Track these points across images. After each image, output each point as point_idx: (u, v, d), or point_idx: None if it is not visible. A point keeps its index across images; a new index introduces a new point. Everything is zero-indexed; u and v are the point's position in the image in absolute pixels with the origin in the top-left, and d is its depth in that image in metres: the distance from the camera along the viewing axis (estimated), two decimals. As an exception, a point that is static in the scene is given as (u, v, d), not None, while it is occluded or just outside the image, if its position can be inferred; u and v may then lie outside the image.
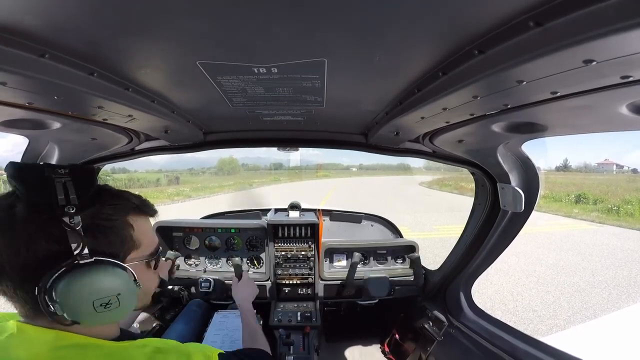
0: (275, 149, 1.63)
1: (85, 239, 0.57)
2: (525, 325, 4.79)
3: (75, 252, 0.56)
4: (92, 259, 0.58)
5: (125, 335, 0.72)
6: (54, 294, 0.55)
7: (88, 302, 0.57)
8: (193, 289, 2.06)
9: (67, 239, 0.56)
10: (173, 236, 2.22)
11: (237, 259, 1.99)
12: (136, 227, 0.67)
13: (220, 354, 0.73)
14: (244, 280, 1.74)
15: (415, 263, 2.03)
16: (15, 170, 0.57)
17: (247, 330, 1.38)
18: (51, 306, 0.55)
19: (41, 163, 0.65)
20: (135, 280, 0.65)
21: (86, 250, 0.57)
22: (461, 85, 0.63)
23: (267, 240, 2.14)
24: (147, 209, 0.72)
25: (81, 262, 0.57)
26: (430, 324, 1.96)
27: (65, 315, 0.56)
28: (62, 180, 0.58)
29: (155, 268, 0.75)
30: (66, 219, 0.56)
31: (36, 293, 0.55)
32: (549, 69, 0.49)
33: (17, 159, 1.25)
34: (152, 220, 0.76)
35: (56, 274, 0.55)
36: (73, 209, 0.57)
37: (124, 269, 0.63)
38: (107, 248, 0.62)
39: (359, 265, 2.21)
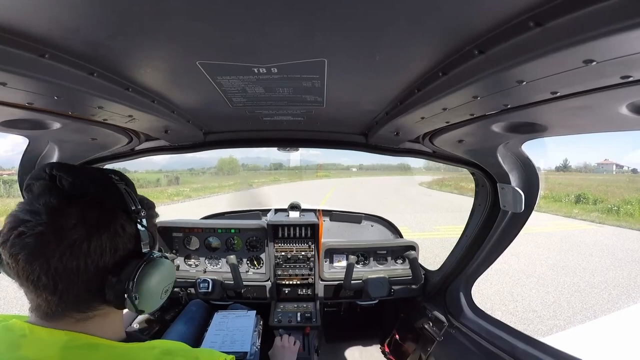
0: (275, 149, 1.64)
1: (153, 234, 0.69)
2: (525, 325, 4.79)
3: (146, 249, 0.65)
4: (160, 254, 0.69)
5: (131, 337, 0.73)
6: (132, 284, 0.61)
7: (159, 290, 0.67)
8: (192, 290, 2.06)
9: (137, 236, 0.64)
10: (173, 236, 2.22)
11: (232, 257, 1.98)
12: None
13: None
14: (288, 346, 1.55)
15: (412, 263, 2.03)
16: (77, 171, 0.61)
17: None
18: (130, 296, 0.61)
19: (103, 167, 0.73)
20: None
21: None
22: (461, 85, 0.63)
23: (267, 240, 2.14)
24: (157, 215, 0.81)
25: (155, 256, 0.67)
26: (430, 324, 1.96)
27: (137, 303, 0.63)
28: (122, 186, 0.65)
29: None
30: (139, 220, 0.64)
31: (112, 285, 0.60)
32: (549, 69, 0.49)
33: (17, 159, 1.25)
34: None
35: (141, 266, 0.63)
36: (144, 212, 0.65)
37: (172, 261, 0.74)
38: (154, 245, 0.72)
39: (358, 266, 2.21)
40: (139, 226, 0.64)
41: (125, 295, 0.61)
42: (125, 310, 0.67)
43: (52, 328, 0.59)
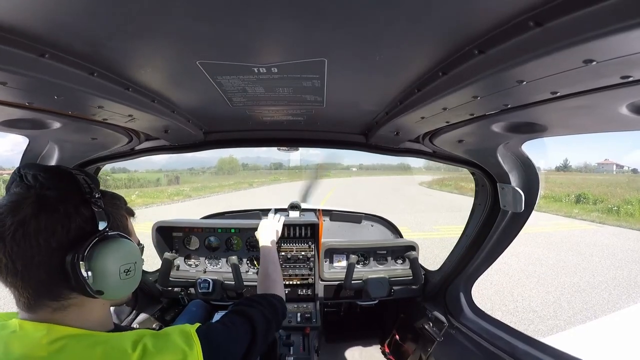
0: (275, 148, 1.63)
1: (110, 217, 0.69)
2: (526, 325, 4.79)
3: (102, 228, 0.66)
4: (116, 233, 0.70)
5: (120, 328, 0.75)
6: (86, 262, 0.62)
7: (115, 268, 0.67)
8: (192, 290, 2.05)
9: (94, 218, 0.66)
10: (173, 236, 2.22)
11: (234, 257, 1.98)
12: (128, 220, 0.81)
13: (198, 328, 0.74)
14: (272, 222, 1.74)
15: (413, 263, 2.03)
16: (39, 167, 0.66)
17: (263, 267, 1.37)
18: (82, 275, 0.62)
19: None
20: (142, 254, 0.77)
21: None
22: (461, 85, 0.63)
23: None
24: (132, 211, 0.84)
25: (109, 234, 0.68)
26: (430, 324, 1.96)
27: (93, 283, 0.63)
28: (80, 177, 0.68)
29: None
30: (94, 202, 0.67)
31: (69, 264, 0.61)
32: (549, 69, 0.49)
33: (17, 158, 1.25)
34: (133, 221, 0.86)
35: (91, 243, 0.63)
36: (99, 194, 0.68)
37: (135, 244, 0.75)
38: (117, 229, 0.72)
39: (358, 266, 2.20)
40: (95, 208, 0.66)
41: (78, 273, 0.61)
42: (114, 309, 0.67)
43: (35, 321, 0.62)
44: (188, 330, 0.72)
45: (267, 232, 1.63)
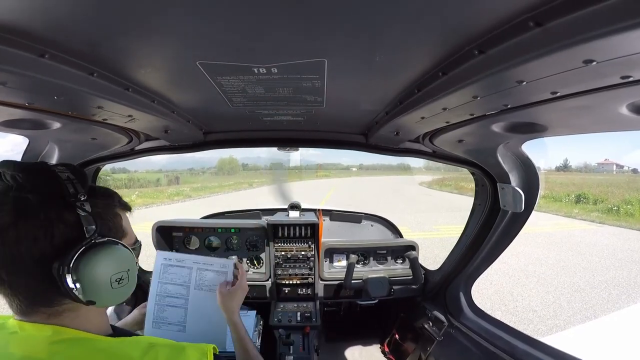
0: (275, 148, 1.64)
1: (97, 221, 0.63)
2: (525, 325, 4.79)
3: (89, 234, 0.61)
4: (106, 239, 0.64)
5: (119, 332, 0.74)
6: (73, 273, 0.58)
7: (106, 278, 0.62)
8: None
9: (81, 223, 0.60)
10: (173, 236, 2.22)
11: (234, 257, 1.98)
12: (123, 218, 0.75)
13: (214, 348, 0.73)
14: (239, 288, 1.20)
15: (413, 263, 2.03)
16: (18, 166, 0.60)
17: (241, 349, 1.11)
18: (71, 285, 0.58)
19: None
20: (136, 261, 0.71)
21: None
22: (461, 85, 0.63)
23: (267, 240, 2.14)
24: (127, 205, 0.79)
25: (97, 241, 0.62)
26: (430, 324, 1.96)
27: (83, 294, 0.59)
28: (65, 175, 0.62)
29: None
30: (79, 205, 0.61)
31: (55, 274, 0.57)
32: (549, 69, 0.49)
33: (17, 158, 1.25)
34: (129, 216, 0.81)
35: (78, 252, 0.59)
36: (84, 197, 0.62)
37: (128, 249, 0.69)
38: (107, 233, 0.67)
39: (358, 266, 2.20)
40: (80, 212, 0.61)
41: (66, 285, 0.57)
42: (113, 307, 0.67)
43: (37, 323, 0.60)
44: (205, 349, 0.70)
45: (234, 298, 1.17)
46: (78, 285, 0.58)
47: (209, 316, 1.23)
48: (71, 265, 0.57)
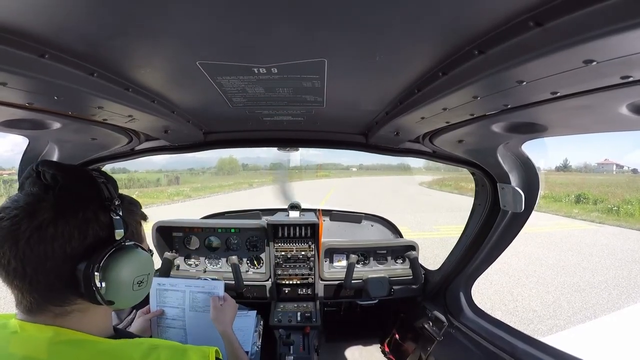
0: (275, 148, 1.64)
1: (127, 225, 0.67)
2: (525, 325, 4.79)
3: (119, 237, 0.64)
4: (132, 243, 0.68)
5: (121, 334, 0.75)
6: (100, 273, 0.60)
7: (130, 279, 0.65)
8: None
9: (112, 225, 0.64)
10: (173, 236, 2.22)
11: (234, 257, 1.98)
12: (142, 226, 0.79)
13: (217, 352, 0.74)
14: (230, 304, 1.33)
15: (413, 263, 2.03)
16: (59, 166, 0.63)
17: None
18: (98, 284, 0.60)
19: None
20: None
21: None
22: (461, 85, 0.63)
23: (267, 240, 2.14)
24: (145, 216, 0.82)
25: (126, 244, 0.66)
26: (430, 324, 1.96)
27: (105, 295, 0.61)
28: (100, 179, 0.66)
29: None
30: (113, 209, 0.65)
31: (81, 273, 0.59)
32: (549, 69, 0.49)
33: (17, 159, 1.25)
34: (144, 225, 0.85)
35: (109, 252, 0.62)
36: (118, 201, 0.66)
37: (150, 254, 0.73)
38: (131, 237, 0.71)
39: (358, 266, 2.21)
40: (113, 215, 0.64)
41: (92, 283, 0.59)
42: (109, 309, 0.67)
43: (39, 324, 0.60)
44: (207, 352, 0.71)
45: (226, 312, 1.27)
46: (103, 284, 0.61)
47: (207, 336, 1.29)
48: (101, 264, 0.60)
